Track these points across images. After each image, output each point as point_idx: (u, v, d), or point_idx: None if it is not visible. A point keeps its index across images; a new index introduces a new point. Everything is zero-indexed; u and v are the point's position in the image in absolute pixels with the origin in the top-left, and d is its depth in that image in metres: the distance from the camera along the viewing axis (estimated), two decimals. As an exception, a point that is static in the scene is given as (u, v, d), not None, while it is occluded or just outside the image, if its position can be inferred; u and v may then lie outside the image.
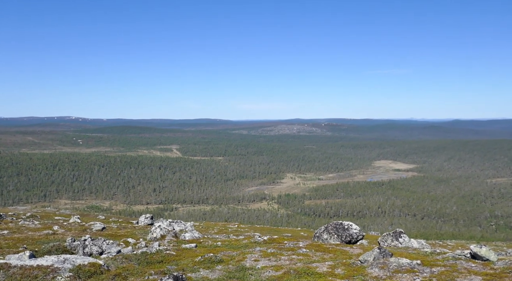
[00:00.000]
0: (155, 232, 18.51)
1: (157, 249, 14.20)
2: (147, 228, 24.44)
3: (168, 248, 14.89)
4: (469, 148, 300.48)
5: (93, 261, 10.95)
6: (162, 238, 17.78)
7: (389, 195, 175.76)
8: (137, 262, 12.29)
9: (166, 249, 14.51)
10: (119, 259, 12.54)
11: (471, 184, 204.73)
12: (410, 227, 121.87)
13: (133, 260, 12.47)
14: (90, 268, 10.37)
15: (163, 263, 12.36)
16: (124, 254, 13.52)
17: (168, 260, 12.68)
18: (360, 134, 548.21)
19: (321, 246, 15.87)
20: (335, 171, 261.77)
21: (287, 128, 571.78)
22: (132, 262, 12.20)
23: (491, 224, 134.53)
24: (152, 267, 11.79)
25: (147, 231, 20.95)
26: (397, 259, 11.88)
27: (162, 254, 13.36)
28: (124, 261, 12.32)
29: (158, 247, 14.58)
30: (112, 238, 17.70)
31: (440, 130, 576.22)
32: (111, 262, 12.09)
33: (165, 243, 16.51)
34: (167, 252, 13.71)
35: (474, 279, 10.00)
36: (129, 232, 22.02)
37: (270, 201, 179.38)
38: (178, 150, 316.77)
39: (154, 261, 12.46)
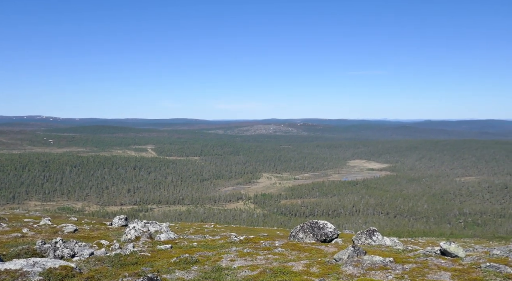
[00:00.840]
0: (129, 233, 18.20)
1: (131, 250, 13.97)
2: (121, 229, 24.01)
3: (143, 249, 14.68)
4: (439, 148, 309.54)
5: (65, 264, 10.67)
6: (136, 240, 17.50)
7: (363, 194, 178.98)
8: (111, 264, 12.06)
9: (141, 250, 14.30)
10: (92, 261, 12.26)
11: (441, 182, 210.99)
12: (383, 225, 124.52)
13: (106, 262, 12.23)
14: (61, 271, 10.10)
15: (138, 264, 12.18)
16: (97, 256, 13.23)
17: (142, 262, 12.51)
18: (335, 134, 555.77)
19: (297, 245, 16.00)
20: (310, 170, 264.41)
21: (264, 128, 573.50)
22: (105, 264, 11.96)
23: (459, 222, 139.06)
24: (126, 269, 11.59)
25: (121, 233, 20.58)
26: (371, 257, 12.12)
27: (137, 256, 13.16)
28: (97, 263, 12.07)
29: (133, 249, 14.35)
30: (85, 240, 17.30)
31: (412, 130, 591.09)
32: (83, 264, 11.81)
33: (139, 245, 16.26)
34: (142, 254, 13.52)
35: (443, 275, 10.31)
36: (103, 233, 21.56)
37: (247, 201, 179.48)
38: (153, 150, 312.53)
39: (128, 263, 12.26)
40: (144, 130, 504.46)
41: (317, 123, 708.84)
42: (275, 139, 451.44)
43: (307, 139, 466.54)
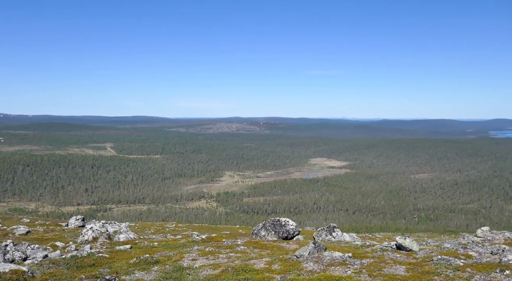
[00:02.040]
0: (86, 234, 17.58)
1: (88, 252, 13.50)
2: (78, 230, 23.14)
3: (101, 250, 14.23)
4: (395, 146, 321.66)
5: (16, 268, 10.14)
6: (94, 241, 16.93)
7: (324, 191, 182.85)
8: (66, 266, 11.59)
9: (99, 251, 13.86)
10: (45, 264, 11.74)
11: (397, 179, 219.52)
12: (343, 222, 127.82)
13: (61, 264, 11.75)
14: (11, 276, 9.59)
15: (95, 266, 11.79)
16: (52, 259, 12.68)
17: (100, 263, 12.12)
18: (297, 132, 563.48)
19: (259, 243, 16.10)
20: (273, 168, 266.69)
21: (226, 126, 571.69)
22: (60, 267, 11.48)
23: (414, 217, 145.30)
24: (83, 271, 11.19)
25: (78, 234, 19.83)
26: (331, 252, 12.40)
27: (94, 257, 12.74)
28: (52, 266, 11.57)
29: (90, 250, 13.87)
30: (38, 242, 16.51)
31: (370, 129, 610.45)
32: (36, 268, 11.28)
33: (97, 246, 15.74)
34: (100, 255, 13.10)
35: (398, 269, 10.74)
36: (58, 235, 20.69)
37: (209, 199, 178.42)
38: (112, 148, 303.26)
39: (85, 265, 11.84)
40: (102, 127, 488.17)
41: (279, 122, 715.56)
42: (238, 138, 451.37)
43: (270, 137, 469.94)
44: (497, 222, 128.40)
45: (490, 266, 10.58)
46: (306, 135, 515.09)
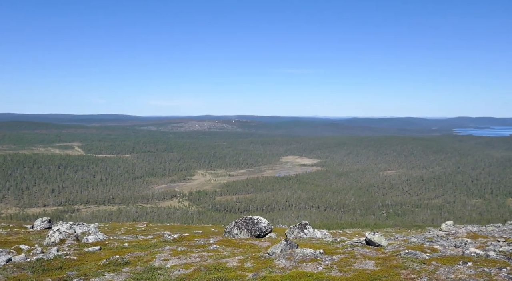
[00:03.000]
0: (53, 236, 17.03)
1: (55, 254, 13.09)
2: (44, 232, 22.39)
3: (69, 252, 13.83)
4: (364, 144, 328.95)
5: (-23, 273, 9.71)
6: (61, 243, 16.43)
7: (296, 189, 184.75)
8: (31, 270, 11.20)
9: (66, 254, 13.46)
10: (9, 268, 11.29)
11: (367, 176, 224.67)
12: (314, 218, 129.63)
13: (26, 268, 11.34)
14: (-28, 282, 9.17)
15: (62, 269, 11.45)
16: (16, 262, 12.21)
17: (68, 266, 11.78)
18: (269, 130, 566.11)
19: (232, 241, 16.10)
20: (245, 167, 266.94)
21: (198, 124, 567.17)
22: (25, 271, 11.08)
23: (382, 213, 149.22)
24: (50, 274, 10.85)
25: (44, 236, 19.18)
26: (302, 249, 12.56)
27: (61, 260, 12.37)
28: (16, 270, 11.14)
29: (57, 253, 13.45)
30: (1, 246, 15.87)
31: (340, 127, 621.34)
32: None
33: (65, 248, 15.28)
34: (67, 257, 12.74)
35: (368, 264, 11.01)
36: (22, 238, 19.94)
37: (181, 198, 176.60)
38: (80, 147, 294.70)
39: (52, 268, 11.48)
40: (69, 126, 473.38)
41: (251, 120, 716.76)
42: (210, 136, 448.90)
43: (242, 135, 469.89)
44: (460, 216, 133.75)
45: (453, 258, 11.01)
46: (278, 133, 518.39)
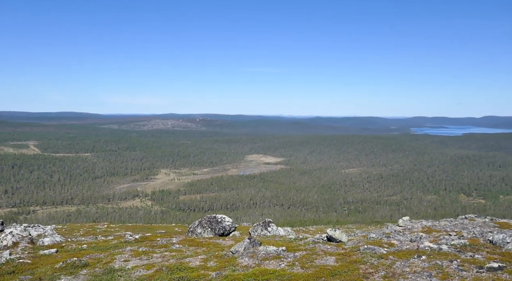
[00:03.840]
0: (5, 239, 16.21)
1: (7, 258, 12.48)
2: (-5, 235, 21.22)
3: (22, 256, 13.22)
4: (327, 142, 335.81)
5: None
6: (14, 246, 15.66)
7: (260, 187, 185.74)
8: (-19, 276, 10.62)
9: (20, 257, 12.86)
10: (-44, 274, 10.65)
11: (329, 174, 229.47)
12: (278, 216, 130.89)
13: (-25, 274, 10.73)
14: None
15: (15, 273, 10.94)
16: (-36, 268, 11.52)
17: (21, 270, 11.26)
18: (234, 129, 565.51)
19: (195, 241, 15.98)
20: (209, 165, 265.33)
21: (162, 123, 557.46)
22: (-26, 277, 10.49)
23: (344, 209, 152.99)
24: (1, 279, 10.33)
25: (-5, 239, 18.19)
26: (265, 247, 12.67)
27: (14, 264, 11.81)
28: (-36, 276, 10.52)
29: (9, 256, 12.83)
30: None
31: (304, 126, 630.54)
32: None
33: (18, 251, 14.58)
34: (21, 261, 12.17)
35: (329, 260, 11.28)
36: (-29, 242, 18.81)
37: (144, 198, 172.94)
38: (36, 146, 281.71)
39: (4, 273, 10.93)
40: (24, 124, 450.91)
41: (216, 119, 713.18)
42: (174, 134, 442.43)
43: (206, 134, 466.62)
44: (417, 212, 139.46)
45: (409, 252, 11.49)
46: (243, 132, 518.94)
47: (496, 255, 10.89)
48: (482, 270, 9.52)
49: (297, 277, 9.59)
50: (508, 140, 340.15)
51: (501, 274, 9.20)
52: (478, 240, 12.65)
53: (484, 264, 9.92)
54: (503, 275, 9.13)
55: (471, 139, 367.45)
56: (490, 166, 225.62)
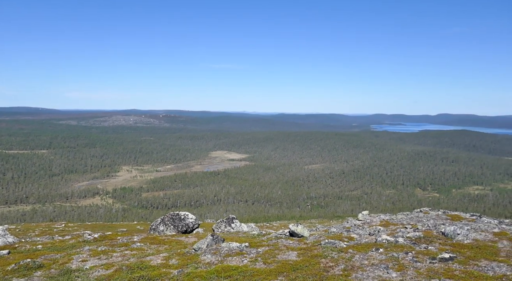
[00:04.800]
0: (-49, 242, 15.27)
1: (-46, 262, 11.74)
2: None
3: (-29, 259, 12.49)
4: (291, 139, 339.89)
5: None
6: (-38, 248, 14.77)
7: (224, 184, 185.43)
8: None
9: (-32, 260, 12.15)
10: None
11: (293, 170, 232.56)
12: (242, 212, 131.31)
13: None
14: None
15: (-38, 278, 10.32)
16: None
17: (-31, 274, 10.64)
18: (198, 125, 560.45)
19: (157, 239, 15.73)
20: (173, 162, 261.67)
21: (123, 119, 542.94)
22: None
23: (307, 205, 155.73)
24: None
25: None
26: (228, 243, 12.67)
27: (-39, 268, 11.13)
28: None
29: (-44, 260, 12.08)
30: None
31: (268, 122, 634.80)
32: None
33: (-34, 254, 13.77)
34: (-31, 264, 11.49)
35: (291, 254, 11.44)
36: None
37: (104, 195, 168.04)
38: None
39: (-51, 277, 10.29)
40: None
41: (180, 115, 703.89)
42: (136, 131, 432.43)
43: (170, 130, 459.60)
44: (376, 206, 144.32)
45: (368, 246, 11.86)
46: (207, 128, 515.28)
47: (447, 246, 11.46)
48: (434, 261, 10.00)
49: (259, 272, 9.66)
50: (460, 137, 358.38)
51: (452, 264, 9.71)
52: (431, 232, 13.25)
53: (436, 255, 10.42)
54: (454, 265, 9.64)
55: (426, 136, 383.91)
56: (444, 161, 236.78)
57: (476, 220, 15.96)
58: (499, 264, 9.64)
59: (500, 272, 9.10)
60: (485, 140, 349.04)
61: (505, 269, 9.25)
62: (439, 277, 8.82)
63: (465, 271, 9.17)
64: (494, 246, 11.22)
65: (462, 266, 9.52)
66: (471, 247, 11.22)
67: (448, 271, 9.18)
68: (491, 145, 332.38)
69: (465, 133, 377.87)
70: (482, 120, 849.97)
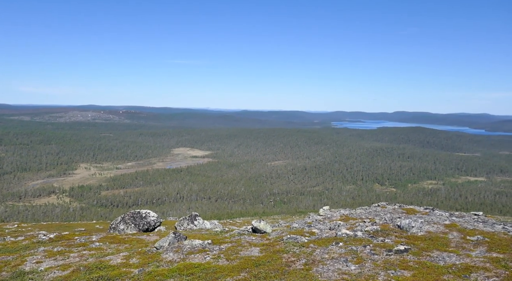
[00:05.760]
0: None
1: None
2: None
3: None
4: (254, 136, 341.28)
5: None
6: None
7: (187, 181, 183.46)
8: None
9: None
10: None
11: (256, 167, 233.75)
12: (205, 210, 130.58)
13: None
14: None
15: None
16: None
17: None
18: (159, 122, 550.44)
19: (117, 238, 15.36)
20: (134, 159, 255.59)
21: (81, 114, 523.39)
22: None
23: (270, 201, 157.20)
24: None
25: None
26: (191, 241, 12.58)
27: None
28: None
29: None
30: None
31: (231, 119, 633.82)
32: None
33: None
34: None
35: (253, 250, 11.54)
36: None
37: (61, 194, 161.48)
38: None
39: None
40: None
41: (141, 111, 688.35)
42: (95, 127, 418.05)
43: (130, 127, 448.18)
44: (337, 201, 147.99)
45: (328, 240, 12.18)
46: (169, 125, 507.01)
47: (403, 238, 11.98)
48: (391, 253, 10.43)
49: (222, 269, 9.68)
50: (415, 133, 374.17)
51: (406, 255, 10.18)
52: (388, 225, 13.79)
53: (392, 247, 10.87)
54: (408, 256, 10.11)
55: (384, 133, 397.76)
56: (400, 157, 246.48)
57: (429, 213, 16.76)
58: (449, 254, 10.21)
59: (450, 261, 9.65)
60: (438, 136, 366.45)
61: (454, 259, 9.81)
62: (394, 268, 9.21)
63: (418, 261, 9.63)
64: (445, 238, 11.86)
65: (416, 257, 9.99)
66: (425, 239, 11.79)
67: (403, 262, 9.61)
68: (443, 141, 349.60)
69: (420, 130, 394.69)
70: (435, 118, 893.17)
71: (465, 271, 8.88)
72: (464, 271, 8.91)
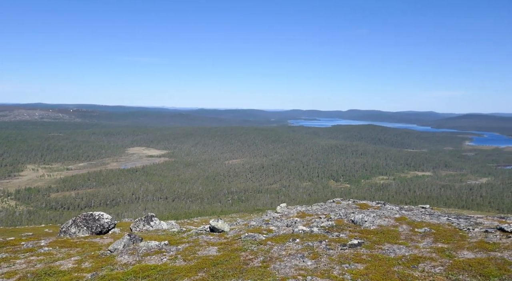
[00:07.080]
0: None
1: None
2: None
3: None
4: (211, 134, 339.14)
5: None
6: None
7: (143, 181, 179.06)
8: None
9: None
10: None
11: (214, 166, 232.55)
12: (162, 210, 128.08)
13: None
14: None
15: None
16: None
17: None
18: (113, 121, 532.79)
19: (67, 242, 14.72)
20: (86, 159, 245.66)
21: (27, 113, 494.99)
22: None
23: (228, 199, 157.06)
24: None
25: None
26: (147, 242, 12.31)
27: None
28: None
29: None
30: None
31: (188, 117, 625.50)
32: None
33: None
34: None
35: (211, 250, 11.49)
36: None
37: (5, 197, 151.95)
38: None
39: None
40: None
41: (93, 109, 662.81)
42: (43, 126, 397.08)
43: (82, 126, 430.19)
44: (294, 198, 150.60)
45: (285, 237, 12.37)
46: (124, 123, 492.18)
47: (356, 232, 12.41)
48: (345, 247, 10.78)
49: (179, 270, 9.56)
50: (367, 131, 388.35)
51: (360, 249, 10.56)
52: (343, 220, 14.23)
53: (347, 242, 11.24)
54: (361, 250, 10.50)
55: (338, 130, 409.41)
56: (354, 154, 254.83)
57: (381, 207, 17.47)
58: (399, 246, 10.72)
59: (400, 253, 10.13)
60: (389, 134, 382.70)
61: (404, 251, 10.31)
62: (348, 262, 9.53)
63: (371, 255, 10.02)
64: (396, 230, 12.42)
65: (368, 251, 10.39)
66: (376, 232, 12.29)
67: (356, 256, 9.96)
68: (394, 138, 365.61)
69: (372, 127, 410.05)
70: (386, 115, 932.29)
71: (413, 262, 9.36)
72: (412, 261, 9.39)
